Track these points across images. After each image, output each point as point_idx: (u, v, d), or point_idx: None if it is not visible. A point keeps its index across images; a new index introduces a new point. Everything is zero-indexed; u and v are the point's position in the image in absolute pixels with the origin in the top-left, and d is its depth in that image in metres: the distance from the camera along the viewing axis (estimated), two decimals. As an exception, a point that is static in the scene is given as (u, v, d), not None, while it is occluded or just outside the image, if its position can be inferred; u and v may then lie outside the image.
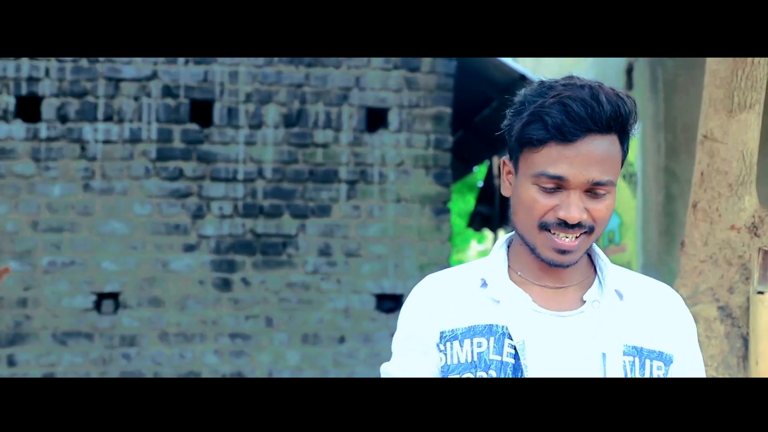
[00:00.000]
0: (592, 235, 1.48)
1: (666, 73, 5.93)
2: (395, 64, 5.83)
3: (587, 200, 1.45)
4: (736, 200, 2.54)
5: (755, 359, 2.40)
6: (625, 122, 1.45)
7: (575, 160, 1.42)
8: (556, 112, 1.42)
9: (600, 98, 1.42)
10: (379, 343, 5.70)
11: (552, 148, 1.43)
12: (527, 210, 1.48)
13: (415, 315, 1.60)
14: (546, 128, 1.43)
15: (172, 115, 5.66)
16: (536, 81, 1.53)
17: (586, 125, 1.41)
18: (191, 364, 5.58)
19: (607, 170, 1.44)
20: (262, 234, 5.68)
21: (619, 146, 1.46)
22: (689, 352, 1.56)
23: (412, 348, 1.59)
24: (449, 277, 1.61)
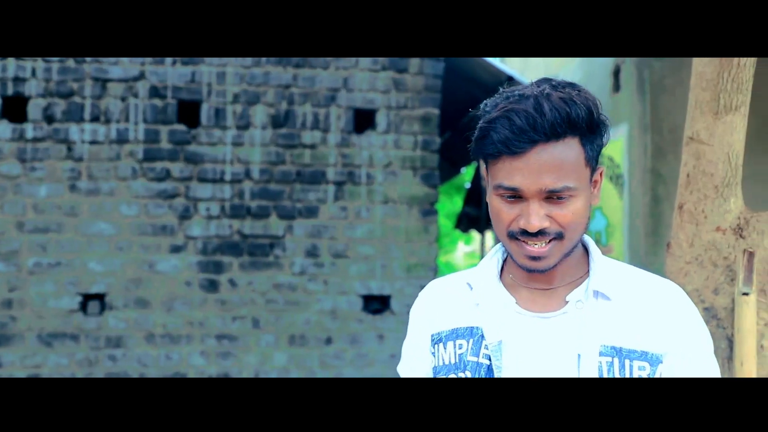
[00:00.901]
0: (563, 240, 1.49)
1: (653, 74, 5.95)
2: (383, 65, 5.83)
3: (549, 207, 1.47)
4: (722, 202, 2.55)
5: (740, 360, 2.42)
6: (579, 125, 1.45)
7: (526, 170, 1.44)
8: (500, 127, 1.44)
9: (543, 108, 1.43)
10: (366, 345, 5.70)
11: (504, 160, 1.45)
12: (496, 220, 1.52)
13: (415, 319, 1.67)
14: (494, 143, 1.45)
15: (160, 116, 5.64)
16: (498, 91, 1.54)
17: (530, 137, 1.42)
18: (177, 366, 5.57)
19: (562, 176, 1.45)
20: (249, 235, 5.67)
21: (579, 148, 1.46)
22: (690, 352, 1.54)
23: (411, 351, 1.66)
24: (447, 282, 1.67)
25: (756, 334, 2.43)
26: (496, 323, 1.53)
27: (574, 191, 1.46)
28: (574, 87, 1.49)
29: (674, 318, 1.55)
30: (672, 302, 1.57)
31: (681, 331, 1.54)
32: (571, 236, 1.50)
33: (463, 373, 1.53)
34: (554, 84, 1.49)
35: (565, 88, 1.48)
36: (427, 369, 1.60)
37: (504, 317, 1.54)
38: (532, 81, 1.54)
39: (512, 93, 1.49)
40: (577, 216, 1.48)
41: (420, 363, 1.62)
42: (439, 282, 1.68)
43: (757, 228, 2.52)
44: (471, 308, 1.57)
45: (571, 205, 1.47)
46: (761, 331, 2.45)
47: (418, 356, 1.62)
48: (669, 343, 1.53)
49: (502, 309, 1.55)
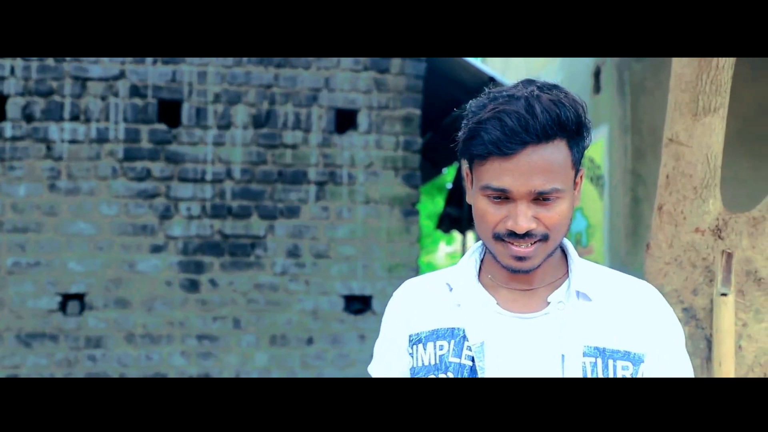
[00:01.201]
0: (548, 241, 1.50)
1: (633, 76, 5.98)
2: (365, 65, 5.83)
3: (537, 208, 1.47)
4: (701, 203, 2.57)
5: (719, 360, 2.43)
6: (568, 127, 1.46)
7: (516, 172, 1.44)
8: (491, 128, 1.44)
9: (535, 110, 1.43)
10: (348, 345, 5.70)
11: (494, 161, 1.45)
12: (481, 221, 1.51)
13: (391, 319, 1.65)
14: (484, 144, 1.45)
15: (140, 115, 5.62)
16: (483, 92, 1.53)
17: (522, 138, 1.42)
18: (158, 366, 5.54)
19: (551, 178, 1.45)
20: (231, 235, 5.66)
21: (566, 151, 1.47)
22: (667, 352, 1.56)
23: (387, 351, 1.64)
24: (424, 282, 1.66)
25: (734, 334, 2.45)
26: (478, 324, 1.53)
27: (562, 193, 1.47)
28: (559, 89, 1.50)
29: (652, 318, 1.56)
30: (649, 303, 1.58)
31: (659, 331, 1.56)
32: (555, 237, 1.51)
33: (444, 374, 1.52)
34: (540, 85, 1.49)
35: (552, 89, 1.48)
36: (403, 369, 1.59)
37: (485, 318, 1.54)
38: (517, 82, 1.53)
39: (500, 94, 1.48)
40: (562, 217, 1.49)
41: (395, 363, 1.60)
42: (415, 281, 1.67)
43: (736, 229, 2.54)
44: (451, 309, 1.57)
45: (557, 207, 1.47)
46: (739, 332, 2.47)
47: (394, 356, 1.61)
48: (648, 342, 1.54)
49: (483, 309, 1.55)
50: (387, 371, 1.62)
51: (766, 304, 2.49)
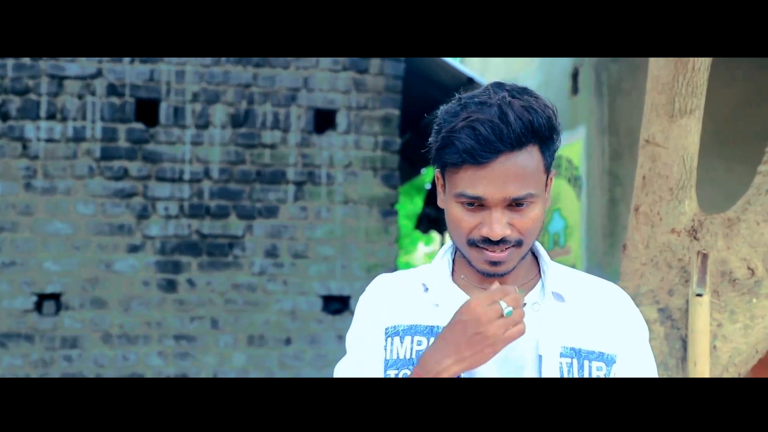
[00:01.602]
0: (522, 246, 1.51)
1: (610, 77, 6.01)
2: (344, 65, 5.83)
3: (511, 214, 1.48)
4: (677, 204, 2.59)
5: (693, 360, 2.45)
6: (540, 133, 1.46)
7: (491, 180, 1.44)
8: (465, 137, 1.44)
9: (508, 117, 1.43)
10: (326, 345, 5.70)
11: (467, 169, 1.45)
12: (455, 227, 1.52)
13: (364, 313, 1.65)
14: (458, 153, 1.45)
15: (117, 114, 5.59)
16: (454, 98, 1.53)
17: (496, 147, 1.43)
18: (135, 366, 5.51)
19: (525, 184, 1.46)
20: (208, 235, 5.64)
21: (539, 156, 1.47)
22: (635, 352, 1.58)
23: (360, 345, 1.63)
24: (398, 279, 1.66)
25: (709, 334, 2.47)
26: None
27: (535, 198, 1.48)
28: (529, 93, 1.49)
29: (622, 319, 1.58)
30: (618, 304, 1.60)
31: (628, 333, 1.58)
32: (529, 242, 1.52)
33: None
34: (510, 90, 1.49)
35: (522, 94, 1.48)
36: (378, 363, 1.58)
37: None
38: (486, 86, 1.52)
39: (471, 100, 1.48)
40: (535, 222, 1.50)
41: (371, 354, 1.59)
42: (389, 277, 1.67)
43: (711, 230, 2.56)
44: (429, 308, 1.57)
45: (530, 212, 1.48)
46: (714, 332, 2.49)
47: (370, 347, 1.60)
48: (619, 344, 1.56)
49: None
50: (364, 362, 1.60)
51: (740, 305, 2.51)
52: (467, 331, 1.44)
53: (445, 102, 1.55)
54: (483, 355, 1.44)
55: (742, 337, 2.51)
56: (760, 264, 2.51)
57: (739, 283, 2.51)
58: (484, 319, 1.43)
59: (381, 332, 1.60)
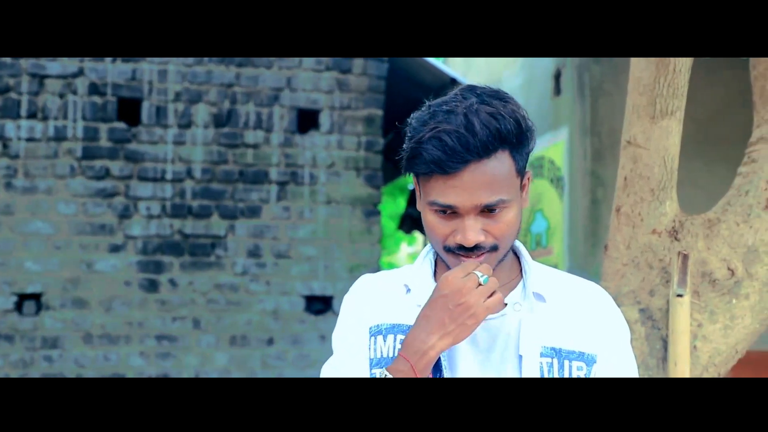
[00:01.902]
0: (498, 251, 1.51)
1: (593, 79, 6.04)
2: (327, 65, 5.83)
3: (484, 220, 1.48)
4: (658, 205, 2.60)
5: (674, 361, 2.46)
6: (508, 139, 1.46)
7: (461, 188, 1.45)
8: (432, 148, 1.44)
9: (474, 127, 1.43)
10: (308, 345, 5.69)
11: (438, 179, 1.46)
12: (431, 233, 1.53)
13: (348, 313, 1.66)
14: (426, 163, 1.45)
15: (99, 114, 5.56)
16: (425, 104, 1.53)
17: (463, 157, 1.43)
18: (116, 367, 5.49)
19: (496, 191, 1.46)
20: (191, 235, 5.62)
21: (509, 161, 1.47)
22: (616, 351, 1.58)
23: (345, 346, 1.64)
24: (381, 279, 1.67)
25: (689, 334, 2.48)
26: None
27: (508, 203, 1.48)
28: (500, 97, 1.49)
29: (602, 319, 1.59)
30: (599, 304, 1.61)
31: (609, 332, 1.59)
32: (504, 245, 1.52)
33: None
34: (479, 93, 1.49)
35: (492, 99, 1.47)
36: (364, 361, 1.59)
37: None
38: (457, 90, 1.52)
39: (439, 108, 1.48)
40: (510, 226, 1.50)
41: (356, 354, 1.60)
42: (372, 277, 1.68)
43: (692, 231, 2.58)
44: (412, 308, 1.58)
45: (504, 217, 1.49)
46: (694, 332, 2.51)
47: (355, 347, 1.61)
48: (600, 343, 1.57)
49: None
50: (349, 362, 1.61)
51: (720, 305, 2.53)
52: (449, 304, 1.45)
53: (418, 107, 1.55)
54: (466, 327, 1.46)
55: (722, 338, 2.53)
56: (740, 265, 2.52)
57: (719, 283, 2.53)
58: (464, 289, 1.45)
59: (365, 332, 1.61)
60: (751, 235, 2.53)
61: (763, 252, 2.52)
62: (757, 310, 2.54)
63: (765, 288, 2.53)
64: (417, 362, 1.46)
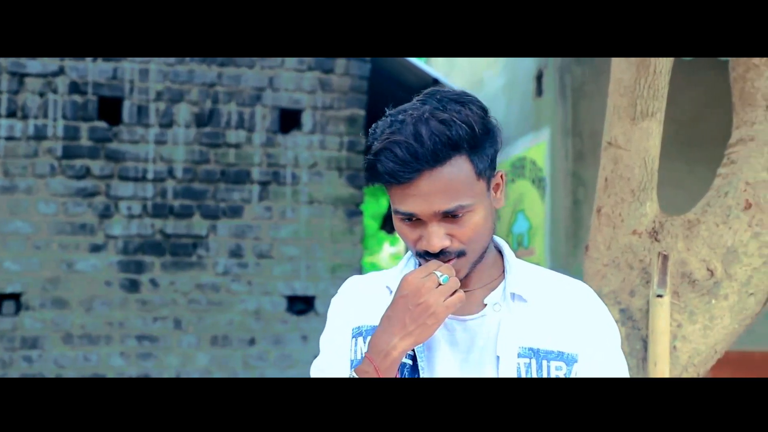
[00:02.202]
0: (466, 255, 1.52)
1: (574, 80, 6.06)
2: (309, 65, 5.82)
3: (449, 225, 1.49)
4: (638, 206, 2.62)
5: (654, 361, 2.48)
6: (461, 145, 1.45)
7: (418, 197, 1.46)
8: (384, 159, 1.45)
9: (422, 136, 1.43)
10: (290, 345, 5.68)
11: (396, 188, 1.48)
12: (402, 238, 1.54)
13: (335, 314, 1.67)
14: (381, 175, 1.47)
15: (80, 113, 5.53)
16: (387, 113, 1.54)
17: (414, 167, 1.44)
18: (96, 367, 5.46)
19: (453, 197, 1.46)
20: (172, 234, 5.60)
21: (467, 165, 1.47)
22: (601, 351, 1.58)
23: (331, 347, 1.65)
24: (369, 280, 1.69)
25: (669, 335, 2.50)
26: None
27: (470, 207, 1.48)
28: (460, 100, 1.48)
29: (586, 318, 1.59)
30: (584, 302, 1.61)
31: (593, 331, 1.58)
32: (474, 249, 1.52)
33: None
34: (440, 98, 1.49)
35: (451, 104, 1.47)
36: (347, 361, 1.60)
37: None
38: (416, 98, 1.53)
39: (395, 118, 1.49)
40: (477, 229, 1.50)
41: (341, 355, 1.61)
42: (359, 278, 1.69)
43: (672, 231, 2.59)
44: None
45: (469, 222, 1.49)
46: (674, 333, 2.52)
47: (340, 348, 1.62)
48: (582, 342, 1.56)
49: None
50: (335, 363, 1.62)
51: (700, 306, 2.54)
52: (408, 304, 1.47)
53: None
54: (426, 327, 1.47)
55: (701, 338, 2.54)
56: (719, 265, 2.54)
57: (698, 284, 2.54)
58: (423, 289, 1.46)
59: (348, 333, 1.62)
60: (730, 236, 2.55)
61: (742, 253, 2.54)
62: (736, 310, 2.56)
63: (744, 289, 2.55)
64: (380, 363, 1.47)
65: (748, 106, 2.64)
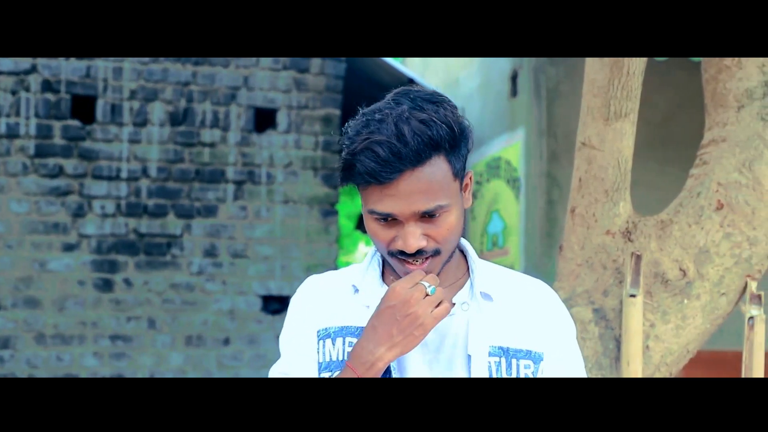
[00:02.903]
0: (441, 254, 1.51)
1: (549, 80, 6.09)
2: (284, 64, 5.81)
3: (425, 225, 1.48)
4: (612, 206, 2.63)
5: (627, 360, 2.49)
6: (441, 145, 1.45)
7: (397, 197, 1.45)
8: (365, 159, 1.44)
9: (405, 136, 1.43)
10: (265, 345, 5.67)
11: (374, 189, 1.46)
12: (374, 239, 1.53)
13: (296, 315, 1.65)
14: (361, 175, 1.46)
15: (53, 111, 5.48)
16: (359, 113, 1.53)
17: (396, 167, 1.43)
18: (69, 367, 5.42)
19: (433, 197, 1.46)
20: (146, 234, 5.57)
21: (445, 165, 1.47)
22: (563, 349, 1.60)
23: (294, 348, 1.62)
24: (329, 279, 1.66)
25: (642, 334, 2.51)
26: None
27: (447, 207, 1.48)
28: (434, 100, 1.48)
29: (549, 317, 1.60)
30: (546, 302, 1.62)
31: (556, 330, 1.60)
32: (447, 248, 1.52)
33: None
34: (413, 97, 1.48)
35: (425, 104, 1.47)
36: (311, 366, 1.59)
37: None
38: (390, 96, 1.52)
39: (372, 117, 1.47)
40: (452, 229, 1.50)
41: (305, 357, 1.59)
42: (319, 278, 1.67)
43: (645, 232, 2.61)
44: (360, 309, 1.58)
45: (445, 222, 1.49)
46: (647, 332, 2.54)
47: (304, 349, 1.60)
48: (547, 341, 1.58)
49: None
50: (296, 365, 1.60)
51: (672, 306, 2.56)
52: (396, 315, 1.46)
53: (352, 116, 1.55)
54: (413, 338, 1.46)
55: (673, 337, 2.56)
56: (692, 265, 2.56)
57: (671, 284, 2.56)
58: (412, 300, 1.45)
59: (312, 334, 1.60)
60: (702, 236, 2.57)
61: (714, 253, 2.57)
62: (708, 310, 2.58)
63: (716, 289, 2.58)
64: (364, 373, 1.47)
65: (720, 107, 2.67)
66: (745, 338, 2.58)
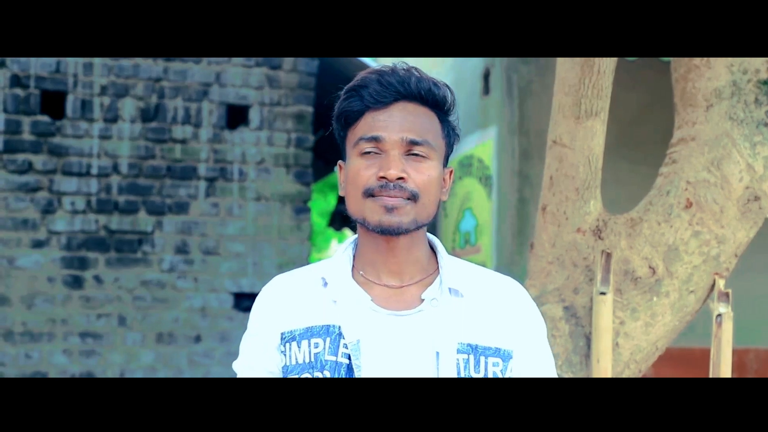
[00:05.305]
0: (417, 202, 1.52)
1: (521, 79, 6.11)
2: (257, 61, 5.78)
3: (407, 163, 1.52)
4: (582, 204, 2.65)
5: (597, 358, 2.51)
6: (438, 101, 1.57)
7: (389, 121, 1.52)
8: (370, 82, 1.55)
9: (412, 76, 1.55)
10: (236, 343, 5.61)
11: (368, 116, 1.54)
12: (353, 183, 1.55)
13: (260, 315, 1.63)
14: (361, 99, 1.54)
15: (21, 106, 5.43)
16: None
17: (396, 90, 1.53)
18: (38, 365, 5.37)
19: (422, 133, 1.53)
20: (117, 230, 5.53)
21: (437, 123, 1.57)
22: (532, 347, 1.60)
23: (255, 348, 1.63)
24: (295, 278, 1.64)
25: (612, 332, 2.54)
26: (354, 321, 1.53)
27: (432, 153, 1.54)
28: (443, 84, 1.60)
29: (519, 314, 1.61)
30: (516, 299, 1.62)
31: (525, 328, 1.60)
32: (424, 202, 1.53)
33: (320, 372, 1.51)
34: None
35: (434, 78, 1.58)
36: (272, 368, 1.58)
37: (361, 315, 1.54)
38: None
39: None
40: (431, 181, 1.54)
41: (265, 360, 1.59)
42: (285, 277, 1.65)
43: (615, 230, 2.63)
44: (326, 305, 1.56)
45: (427, 169, 1.53)
46: (617, 330, 2.56)
47: (265, 353, 1.59)
48: (516, 339, 1.58)
49: (358, 307, 1.55)
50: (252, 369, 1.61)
51: (642, 303, 2.59)
52: None
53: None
54: None
55: (643, 335, 2.59)
56: (661, 263, 2.59)
57: (640, 282, 2.59)
58: None
59: (276, 337, 1.58)
60: (671, 234, 2.60)
61: (683, 251, 2.59)
62: (677, 308, 2.60)
63: (684, 286, 2.60)
64: None
65: (690, 107, 2.69)
66: (713, 335, 2.60)
